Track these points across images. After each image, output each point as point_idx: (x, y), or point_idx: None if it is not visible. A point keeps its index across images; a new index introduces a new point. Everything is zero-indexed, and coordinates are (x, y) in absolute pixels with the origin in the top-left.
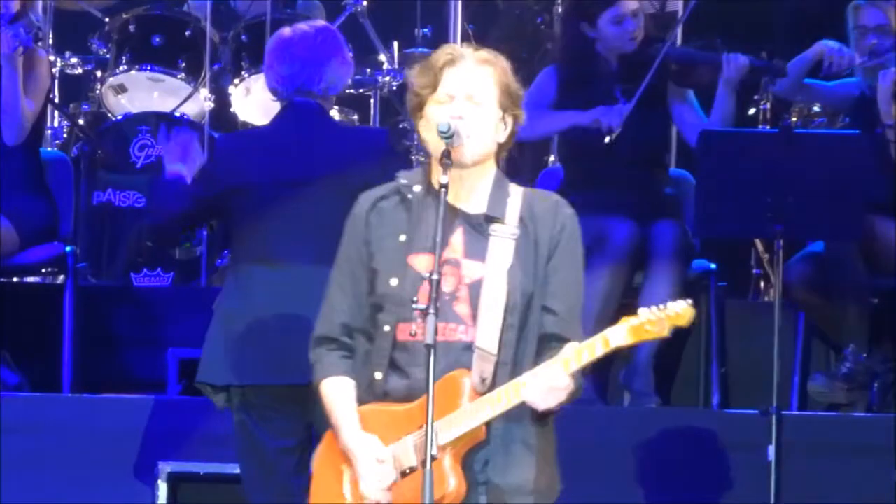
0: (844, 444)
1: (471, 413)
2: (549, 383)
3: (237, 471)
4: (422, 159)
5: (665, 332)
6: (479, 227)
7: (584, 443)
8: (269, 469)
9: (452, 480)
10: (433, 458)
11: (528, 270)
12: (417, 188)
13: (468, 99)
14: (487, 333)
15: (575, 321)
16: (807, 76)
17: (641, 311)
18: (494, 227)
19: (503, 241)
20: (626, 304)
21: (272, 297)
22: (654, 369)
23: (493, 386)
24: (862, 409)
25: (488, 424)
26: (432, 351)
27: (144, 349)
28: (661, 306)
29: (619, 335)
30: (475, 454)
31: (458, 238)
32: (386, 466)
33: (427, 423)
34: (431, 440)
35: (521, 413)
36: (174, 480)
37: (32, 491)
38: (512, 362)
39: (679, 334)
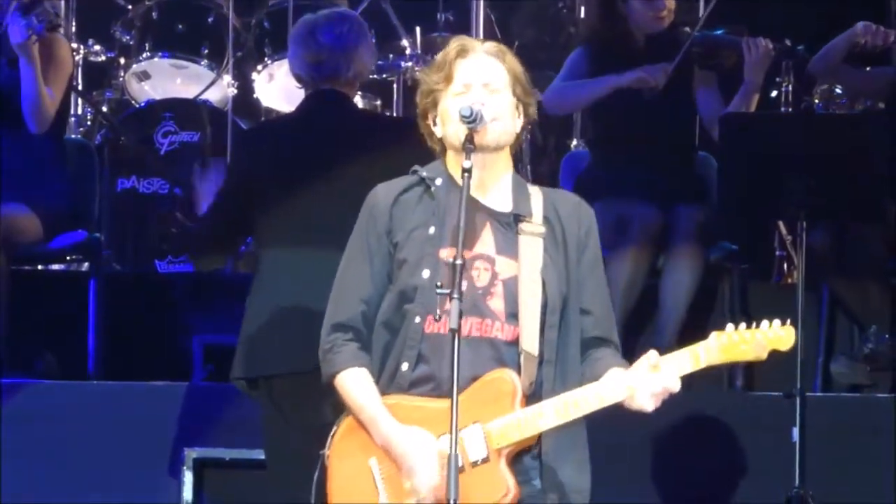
0: (868, 426)
1: (535, 419)
2: (662, 386)
3: (263, 456)
4: None
5: (763, 356)
6: (508, 224)
7: (607, 425)
8: (291, 455)
9: (511, 483)
10: (484, 461)
11: (561, 271)
12: (439, 181)
13: (485, 86)
14: (530, 335)
15: (612, 322)
16: (844, 59)
17: (770, 326)
18: (522, 225)
19: (532, 239)
20: (650, 285)
21: (299, 285)
22: None
23: (535, 387)
24: (885, 389)
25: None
26: (456, 336)
27: (169, 336)
28: (764, 328)
29: (709, 352)
30: (524, 456)
31: (487, 234)
32: (438, 462)
33: (451, 414)
34: (455, 436)
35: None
36: (200, 466)
37: (58, 477)
38: (558, 364)
39: (701, 318)
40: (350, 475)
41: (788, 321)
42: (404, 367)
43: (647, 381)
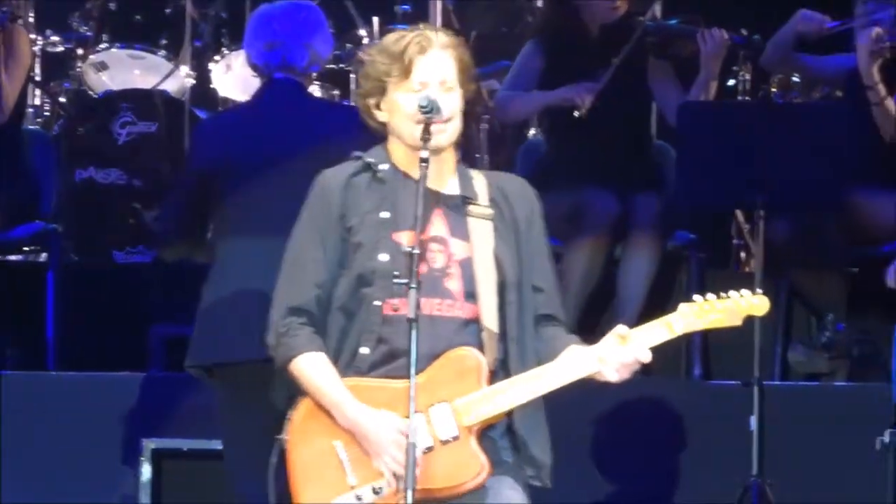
0: (826, 414)
1: (507, 394)
2: (632, 357)
3: (221, 447)
4: None
5: (738, 323)
6: (457, 207)
7: (566, 412)
8: (248, 443)
9: (483, 460)
10: (454, 439)
11: (513, 250)
12: (385, 166)
13: (441, 84)
14: (489, 312)
15: (559, 298)
16: (795, 48)
17: (704, 299)
18: (470, 207)
19: (481, 221)
20: (608, 273)
21: (256, 273)
22: None
23: (500, 363)
24: (843, 377)
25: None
26: (415, 327)
27: (128, 326)
28: (733, 295)
29: (683, 320)
30: (489, 431)
31: (439, 218)
32: (407, 441)
33: (409, 398)
34: (413, 423)
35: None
36: (158, 457)
37: (16, 468)
38: (518, 342)
39: (659, 306)
40: (314, 458)
41: (762, 296)
42: (364, 350)
43: (617, 353)
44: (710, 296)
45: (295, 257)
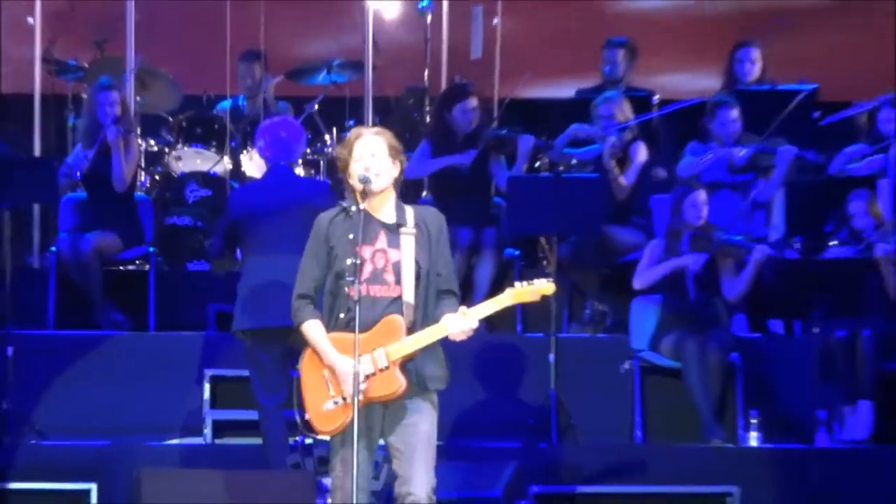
0: (592, 353)
1: (414, 342)
2: (463, 328)
3: (249, 375)
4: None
5: (538, 298)
6: (393, 229)
7: (458, 357)
8: (265, 374)
9: (402, 380)
10: (385, 368)
11: (426, 254)
12: (353, 209)
13: (371, 155)
14: (408, 292)
15: (454, 280)
16: (568, 146)
17: (524, 283)
18: (402, 229)
19: (408, 237)
20: (467, 273)
21: (266, 274)
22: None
23: (413, 323)
24: (601, 331)
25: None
26: (359, 303)
27: (195, 305)
28: (533, 283)
29: (506, 299)
30: (408, 363)
31: (382, 236)
32: (360, 370)
33: (354, 345)
34: (357, 359)
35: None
36: (214, 380)
37: (132, 392)
38: (423, 308)
39: (497, 292)
40: (312, 379)
41: (549, 280)
42: (341, 315)
43: (458, 322)
44: (523, 283)
45: (303, 265)
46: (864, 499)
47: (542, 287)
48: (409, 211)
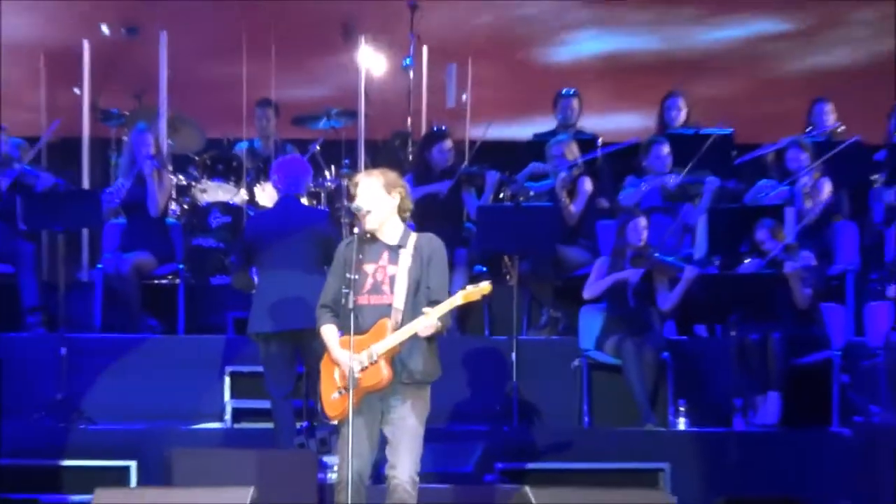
0: (543, 354)
1: (393, 339)
2: (426, 324)
3: (262, 369)
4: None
5: (479, 298)
6: (394, 250)
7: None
8: (275, 370)
9: (386, 371)
10: (374, 362)
11: (418, 270)
12: (367, 234)
13: (363, 194)
14: (399, 301)
15: (444, 292)
16: (527, 180)
17: (469, 287)
18: (401, 251)
19: (406, 256)
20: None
21: (277, 287)
22: (455, 315)
23: (399, 325)
24: (554, 334)
25: (402, 343)
26: (352, 311)
27: (217, 312)
28: (478, 285)
29: (458, 299)
30: (395, 357)
31: (385, 255)
32: (356, 364)
33: (349, 346)
34: (351, 357)
35: (416, 337)
36: (233, 376)
37: (166, 386)
38: (411, 313)
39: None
40: (326, 375)
41: (489, 282)
42: (351, 323)
43: (422, 320)
44: (468, 286)
45: (327, 281)
46: (773, 473)
47: (484, 287)
48: (413, 236)
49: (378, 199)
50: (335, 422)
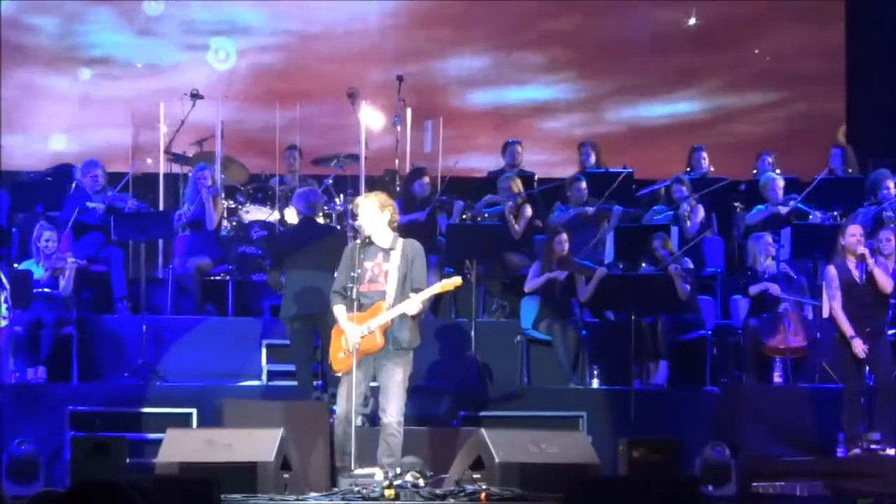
0: (497, 332)
1: (385, 316)
2: (412, 305)
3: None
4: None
5: (452, 288)
6: (386, 251)
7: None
8: (299, 342)
9: (380, 340)
10: (371, 332)
11: (404, 267)
12: (367, 240)
13: (361, 212)
14: (391, 288)
15: (423, 283)
16: (484, 207)
17: (444, 279)
18: (392, 252)
19: (396, 256)
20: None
21: (299, 282)
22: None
23: (391, 307)
24: (502, 318)
25: (393, 319)
26: (357, 298)
27: (256, 300)
28: (450, 279)
29: (437, 288)
30: (386, 329)
31: (380, 255)
32: (357, 333)
33: (353, 320)
34: (355, 329)
35: (403, 315)
36: (269, 347)
37: (219, 354)
38: (400, 298)
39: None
40: (335, 340)
41: (459, 277)
42: (354, 304)
43: (408, 303)
44: (444, 279)
45: (338, 275)
46: (662, 420)
47: (456, 280)
48: (400, 241)
49: (374, 215)
50: (339, 374)
